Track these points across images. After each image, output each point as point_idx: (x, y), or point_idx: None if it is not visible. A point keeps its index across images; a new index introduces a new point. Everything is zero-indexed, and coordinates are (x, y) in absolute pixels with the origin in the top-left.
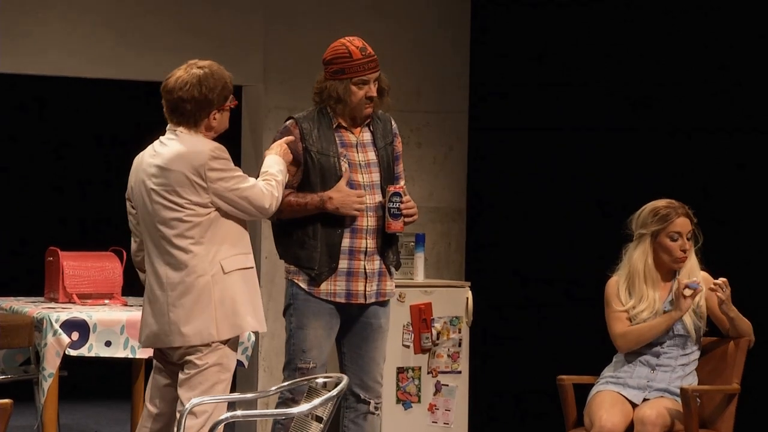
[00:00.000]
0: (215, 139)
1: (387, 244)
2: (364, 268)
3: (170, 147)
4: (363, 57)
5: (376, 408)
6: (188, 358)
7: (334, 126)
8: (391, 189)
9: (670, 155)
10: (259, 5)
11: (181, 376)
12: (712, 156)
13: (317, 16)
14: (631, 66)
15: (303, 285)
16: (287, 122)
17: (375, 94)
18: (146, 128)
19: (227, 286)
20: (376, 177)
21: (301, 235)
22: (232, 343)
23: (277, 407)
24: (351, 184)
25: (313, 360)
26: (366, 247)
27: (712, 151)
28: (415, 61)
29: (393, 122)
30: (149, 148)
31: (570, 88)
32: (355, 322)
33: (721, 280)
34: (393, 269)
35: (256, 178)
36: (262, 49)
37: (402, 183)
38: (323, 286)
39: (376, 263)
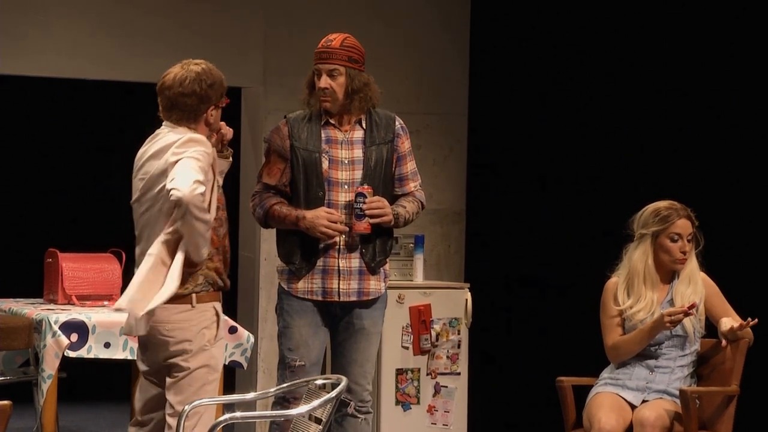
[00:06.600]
0: None
1: (366, 242)
2: (338, 266)
3: (163, 139)
4: (320, 48)
5: (358, 410)
6: (174, 361)
7: (322, 123)
8: (358, 189)
9: (672, 156)
10: (258, 7)
11: (168, 380)
12: (713, 157)
13: (317, 18)
14: (631, 67)
15: (284, 284)
16: (281, 121)
17: (324, 86)
18: (146, 130)
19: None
20: (358, 175)
21: (285, 231)
22: (219, 343)
23: (272, 408)
24: (330, 203)
25: (301, 358)
26: (339, 245)
27: (713, 151)
28: (414, 62)
29: (398, 121)
30: (142, 147)
31: (570, 89)
32: (338, 323)
33: (741, 324)
34: (379, 269)
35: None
36: (261, 51)
37: (412, 184)
38: (301, 284)
39: (355, 261)
